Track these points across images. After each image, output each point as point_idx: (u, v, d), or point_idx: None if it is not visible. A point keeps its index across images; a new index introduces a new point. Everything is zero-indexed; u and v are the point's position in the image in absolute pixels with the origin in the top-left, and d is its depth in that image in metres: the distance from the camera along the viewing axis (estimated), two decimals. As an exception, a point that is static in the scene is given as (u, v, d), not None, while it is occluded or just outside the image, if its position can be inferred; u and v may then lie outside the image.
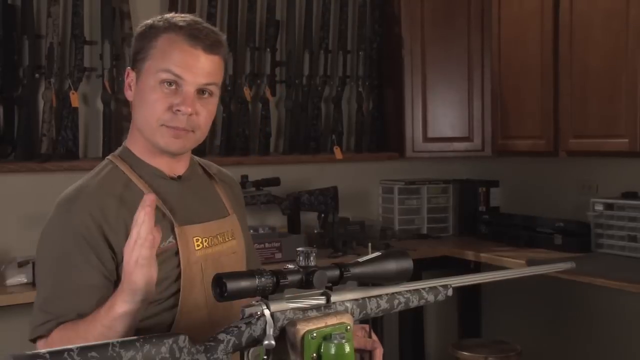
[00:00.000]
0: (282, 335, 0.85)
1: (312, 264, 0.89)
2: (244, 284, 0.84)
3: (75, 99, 2.66)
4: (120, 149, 1.31)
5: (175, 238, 1.22)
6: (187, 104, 1.20)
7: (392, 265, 0.97)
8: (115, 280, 1.18)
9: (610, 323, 2.92)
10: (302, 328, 0.84)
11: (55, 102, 2.63)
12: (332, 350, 0.83)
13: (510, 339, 2.98)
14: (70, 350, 0.71)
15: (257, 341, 0.84)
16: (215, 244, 1.28)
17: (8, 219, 2.67)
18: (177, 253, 1.21)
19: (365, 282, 0.97)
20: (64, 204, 1.24)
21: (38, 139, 2.62)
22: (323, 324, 0.86)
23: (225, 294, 0.84)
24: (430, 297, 1.01)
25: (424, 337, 3.42)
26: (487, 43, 3.14)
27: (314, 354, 0.84)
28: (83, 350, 0.71)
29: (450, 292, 1.03)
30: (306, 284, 0.88)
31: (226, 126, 3.01)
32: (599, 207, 2.75)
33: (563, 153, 2.81)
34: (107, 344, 0.73)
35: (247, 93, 3.03)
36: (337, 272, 0.92)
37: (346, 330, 0.87)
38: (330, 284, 0.92)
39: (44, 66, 2.62)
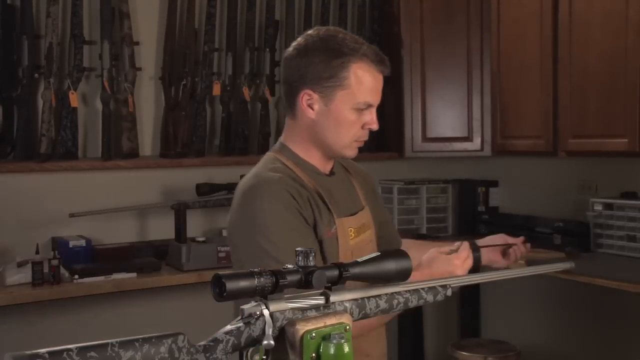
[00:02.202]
0: (281, 335, 0.85)
1: (312, 263, 0.89)
2: (243, 283, 0.83)
3: (74, 99, 2.66)
4: (279, 146, 1.50)
5: (336, 228, 1.39)
6: (376, 121, 1.43)
7: (391, 265, 0.96)
8: None
9: (609, 323, 2.92)
10: (301, 328, 0.84)
11: (55, 102, 2.63)
12: (332, 350, 0.83)
13: (510, 339, 2.98)
14: (69, 350, 0.71)
15: (256, 341, 0.84)
16: (360, 234, 1.46)
17: (7, 219, 2.67)
18: (337, 241, 1.39)
19: (364, 281, 0.97)
20: (261, 189, 1.35)
21: (37, 138, 2.62)
22: (322, 324, 0.86)
23: (225, 294, 0.84)
24: (430, 297, 1.01)
25: (424, 337, 3.42)
26: (487, 43, 3.14)
27: (313, 354, 0.84)
28: (82, 350, 0.71)
29: (449, 292, 1.03)
30: (305, 283, 0.88)
31: (225, 126, 3.02)
32: (598, 207, 2.75)
33: (562, 153, 2.81)
34: (106, 344, 0.73)
35: (247, 93, 3.03)
36: (336, 272, 0.91)
37: (345, 330, 0.87)
38: (330, 284, 0.92)
39: (43, 66, 2.62)
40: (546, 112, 2.85)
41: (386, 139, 3.37)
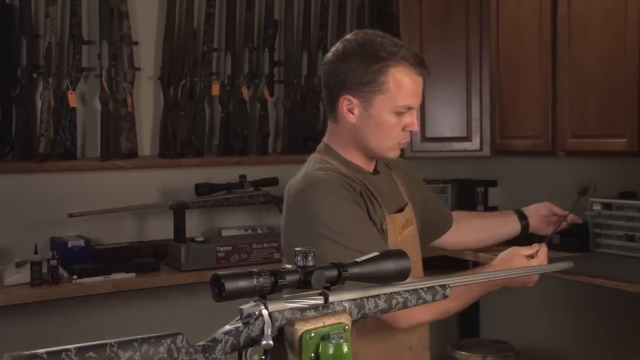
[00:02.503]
0: (280, 335, 0.85)
1: (310, 263, 0.89)
2: (242, 284, 0.83)
3: (73, 99, 2.66)
4: (323, 147, 1.53)
5: (385, 224, 1.44)
6: (417, 123, 1.46)
7: (390, 265, 0.96)
8: None
9: (608, 322, 2.92)
10: (300, 328, 0.84)
11: (53, 102, 2.63)
12: (330, 350, 0.83)
13: (509, 338, 2.98)
14: (68, 350, 0.71)
15: (255, 341, 0.84)
16: (404, 229, 1.52)
17: (6, 219, 2.67)
18: (386, 236, 1.45)
19: (363, 281, 0.97)
20: (315, 187, 1.40)
21: (36, 138, 2.62)
22: (321, 324, 0.86)
23: (224, 294, 0.84)
24: (429, 297, 1.01)
25: (423, 337, 3.41)
26: (486, 43, 3.14)
27: (312, 354, 0.84)
28: (81, 350, 0.71)
29: (448, 292, 1.03)
30: (304, 283, 0.88)
31: (224, 126, 3.01)
32: (597, 207, 2.75)
33: (561, 153, 2.81)
34: (104, 344, 0.73)
35: (246, 93, 3.03)
36: (335, 272, 0.91)
37: (344, 330, 0.87)
38: (329, 284, 0.92)
39: (42, 66, 2.62)
40: (545, 112, 2.85)
41: (385, 139, 3.37)
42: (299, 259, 0.89)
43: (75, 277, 2.48)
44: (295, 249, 0.92)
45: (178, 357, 0.79)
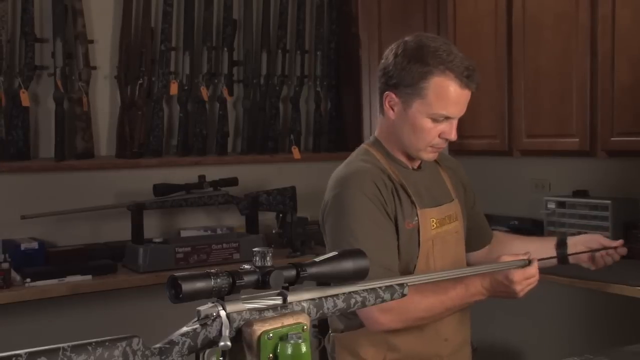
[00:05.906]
0: (238, 336, 0.85)
1: (269, 264, 0.89)
2: (200, 285, 0.83)
3: (25, 98, 2.60)
4: (372, 139, 1.60)
5: (417, 219, 1.49)
6: (454, 133, 1.51)
7: (349, 265, 0.97)
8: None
9: (563, 319, 2.99)
10: (259, 328, 0.84)
11: (5, 101, 2.57)
12: (289, 351, 0.83)
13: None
14: (19, 355, 0.69)
15: (212, 342, 0.83)
16: (443, 225, 1.55)
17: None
18: (418, 231, 1.49)
19: (322, 281, 0.97)
20: (351, 178, 1.49)
21: (-13, 139, 2.55)
22: (279, 324, 0.85)
23: (181, 296, 0.83)
24: (387, 296, 1.02)
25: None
26: (443, 44, 3.17)
27: (271, 355, 0.83)
28: (32, 355, 0.70)
29: (406, 291, 1.04)
30: (262, 284, 0.88)
31: (183, 126, 2.99)
32: (552, 205, 2.81)
33: (517, 152, 2.86)
34: (57, 349, 0.72)
35: (205, 93, 3.00)
36: (293, 272, 0.91)
37: (303, 330, 0.87)
38: (287, 284, 0.91)
39: (-7, 64, 2.55)
40: (501, 112, 2.89)
41: (345, 139, 3.39)
42: (257, 259, 0.89)
43: (28, 280, 2.42)
44: (254, 249, 0.91)
45: (134, 360, 0.78)
